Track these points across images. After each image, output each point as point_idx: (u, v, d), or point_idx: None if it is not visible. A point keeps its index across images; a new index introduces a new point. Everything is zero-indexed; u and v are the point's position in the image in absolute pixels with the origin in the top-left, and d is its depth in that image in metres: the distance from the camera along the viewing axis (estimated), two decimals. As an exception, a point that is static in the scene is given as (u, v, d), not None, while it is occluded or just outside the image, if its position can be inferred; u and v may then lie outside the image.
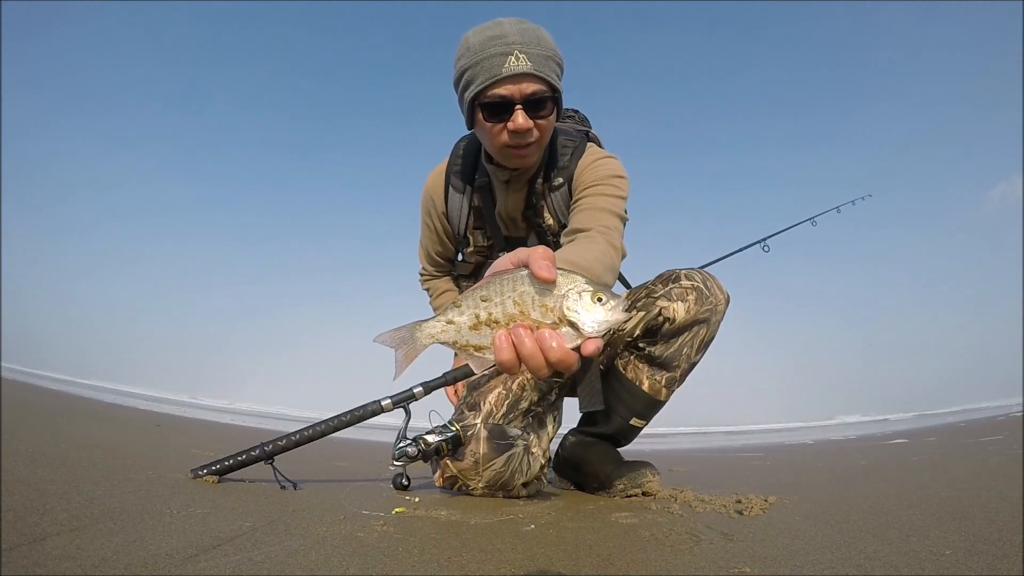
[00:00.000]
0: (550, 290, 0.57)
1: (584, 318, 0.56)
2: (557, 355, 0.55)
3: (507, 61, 1.10)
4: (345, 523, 0.87)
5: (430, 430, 1.25)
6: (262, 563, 0.64)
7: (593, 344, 0.55)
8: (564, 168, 1.35)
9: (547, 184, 1.36)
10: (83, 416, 2.80)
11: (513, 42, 1.11)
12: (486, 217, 1.42)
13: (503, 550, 0.75)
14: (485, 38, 1.13)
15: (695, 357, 1.34)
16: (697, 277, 1.30)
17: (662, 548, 0.78)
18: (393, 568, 0.65)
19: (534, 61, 1.11)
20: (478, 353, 0.60)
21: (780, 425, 8.10)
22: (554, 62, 1.15)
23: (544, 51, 1.13)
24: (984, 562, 0.68)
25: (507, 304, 0.58)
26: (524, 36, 1.12)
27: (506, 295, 0.58)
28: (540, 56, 1.12)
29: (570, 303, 0.56)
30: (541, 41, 1.13)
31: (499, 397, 1.35)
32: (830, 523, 0.93)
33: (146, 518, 0.79)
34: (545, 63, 1.13)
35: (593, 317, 0.56)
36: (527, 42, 1.12)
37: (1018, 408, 6.09)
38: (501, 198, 1.40)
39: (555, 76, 1.16)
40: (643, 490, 1.25)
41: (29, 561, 0.58)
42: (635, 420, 1.38)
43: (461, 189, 1.42)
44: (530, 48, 1.12)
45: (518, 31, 1.12)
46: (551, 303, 0.57)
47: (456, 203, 1.43)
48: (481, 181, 1.39)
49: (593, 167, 1.33)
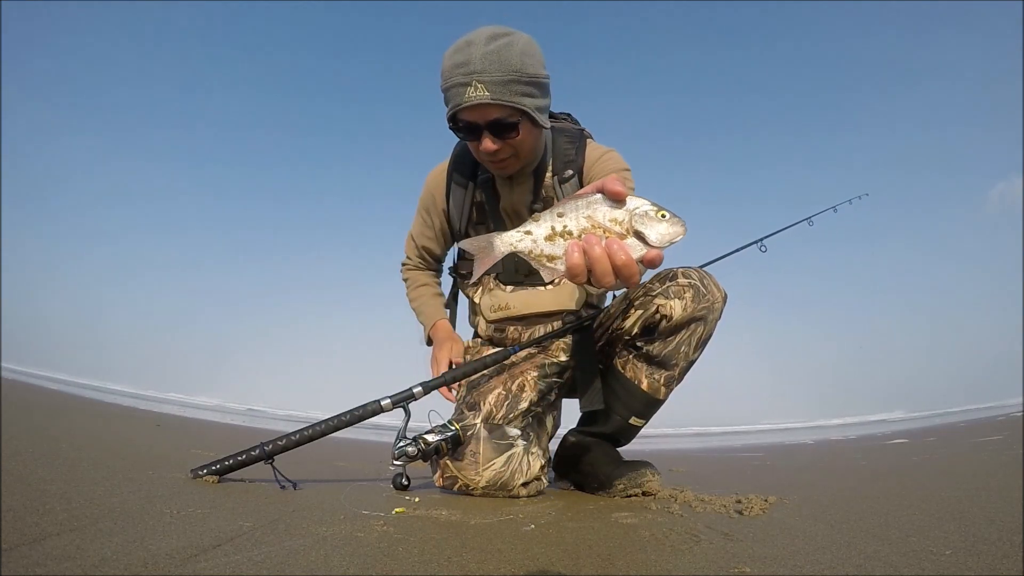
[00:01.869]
0: (620, 206, 0.66)
1: (649, 230, 0.65)
2: (623, 259, 0.63)
3: (466, 92, 1.15)
4: (345, 523, 0.87)
5: (429, 430, 1.25)
6: (262, 563, 0.64)
7: (655, 254, 0.64)
8: (572, 160, 1.40)
9: (557, 176, 1.39)
10: (83, 416, 2.80)
11: (473, 71, 1.14)
12: (489, 212, 1.42)
13: (503, 550, 0.75)
14: (452, 64, 1.16)
15: (693, 355, 1.34)
16: (694, 275, 1.31)
17: (662, 548, 0.78)
18: (393, 568, 0.65)
19: (492, 90, 1.14)
20: (550, 264, 0.68)
21: (780, 425, 8.10)
22: (517, 83, 1.16)
23: (505, 75, 1.15)
24: (984, 562, 0.68)
25: (580, 219, 0.66)
26: (486, 61, 1.14)
27: (580, 211, 0.67)
28: (500, 82, 1.15)
29: (638, 217, 0.66)
30: (504, 63, 1.14)
31: (499, 397, 1.35)
32: (830, 523, 0.93)
33: (146, 518, 0.79)
34: (505, 87, 1.15)
35: (657, 229, 0.65)
36: (487, 69, 1.14)
37: (1018, 408, 6.08)
38: (505, 193, 1.41)
39: (519, 96, 1.17)
40: (643, 490, 1.25)
41: (29, 561, 0.58)
42: (634, 419, 1.38)
43: (464, 185, 1.43)
44: (490, 75, 1.14)
45: (481, 56, 1.14)
46: (620, 216, 0.66)
47: (459, 199, 1.44)
48: (483, 177, 1.41)
49: (603, 160, 1.39)
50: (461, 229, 1.47)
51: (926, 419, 7.22)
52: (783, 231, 1.65)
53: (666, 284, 1.31)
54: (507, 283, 1.45)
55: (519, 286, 1.44)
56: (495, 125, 1.20)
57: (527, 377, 1.39)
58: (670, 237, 0.66)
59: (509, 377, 1.39)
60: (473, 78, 1.14)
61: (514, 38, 1.17)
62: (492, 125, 1.20)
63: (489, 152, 1.23)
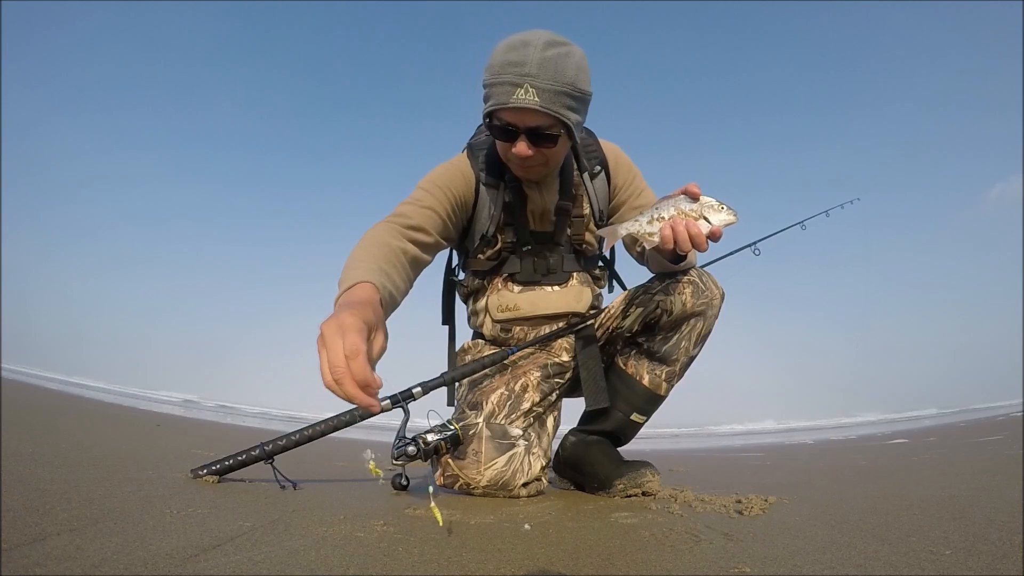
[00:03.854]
0: (695, 201, 1.07)
1: (713, 216, 1.06)
2: (695, 232, 1.05)
3: (516, 92, 1.12)
4: (345, 523, 0.87)
5: (429, 429, 1.25)
6: (262, 563, 0.64)
7: (716, 231, 1.06)
8: (595, 154, 1.41)
9: (587, 173, 1.39)
10: (83, 416, 2.80)
11: (527, 73, 1.11)
12: (516, 214, 1.38)
13: (503, 550, 0.75)
14: (505, 61, 1.13)
15: (693, 351, 1.36)
16: (693, 273, 1.33)
17: (662, 548, 0.78)
18: (393, 568, 0.65)
19: (542, 96, 1.12)
20: (650, 237, 1.11)
21: (780, 425, 8.11)
22: (568, 96, 1.15)
23: (557, 85, 1.13)
24: (984, 562, 0.68)
25: (670, 209, 1.09)
26: (542, 67, 1.11)
27: (670, 205, 1.09)
28: (551, 91, 1.12)
29: (706, 208, 1.07)
30: (558, 73, 1.12)
31: (501, 397, 1.36)
32: (830, 523, 0.93)
33: (146, 518, 0.79)
34: (555, 98, 1.13)
35: (718, 216, 1.06)
36: (541, 75, 1.11)
37: (1018, 408, 6.09)
38: (533, 195, 1.38)
39: (566, 109, 1.16)
40: (643, 490, 1.25)
41: (29, 561, 0.58)
42: (636, 415, 1.38)
43: (496, 186, 1.36)
44: (542, 82, 1.12)
45: (538, 61, 1.11)
46: (696, 207, 1.07)
47: (487, 201, 1.36)
48: (510, 177, 1.35)
49: (623, 162, 1.45)
50: (488, 231, 1.39)
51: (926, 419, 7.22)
52: (777, 235, 1.65)
53: (665, 282, 1.33)
54: (524, 282, 1.42)
55: (536, 285, 1.42)
56: (535, 132, 1.18)
57: (530, 377, 1.39)
58: (727, 221, 1.06)
59: (512, 377, 1.39)
60: (526, 81, 1.11)
61: (571, 50, 1.16)
62: (532, 132, 1.18)
63: (521, 157, 1.21)
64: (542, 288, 1.42)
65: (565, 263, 1.43)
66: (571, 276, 1.44)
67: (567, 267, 1.44)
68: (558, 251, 1.43)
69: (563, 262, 1.43)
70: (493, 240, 1.40)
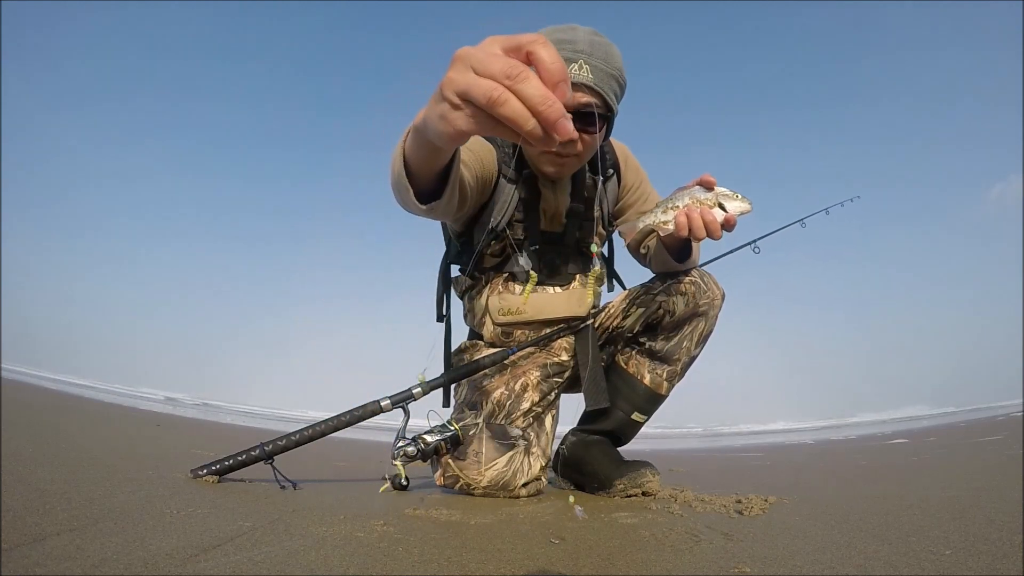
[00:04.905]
0: (711, 190, 1.08)
1: (727, 204, 1.07)
2: (709, 219, 1.05)
3: (570, 68, 1.09)
4: (345, 523, 0.87)
5: (429, 430, 1.25)
6: (262, 563, 0.64)
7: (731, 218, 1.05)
8: (607, 156, 1.41)
9: (601, 176, 1.39)
10: (83, 416, 2.80)
11: (580, 51, 1.11)
12: (529, 210, 1.35)
13: (503, 550, 0.75)
14: (555, 40, 1.12)
15: (695, 351, 1.36)
16: (694, 273, 1.33)
17: (662, 548, 0.78)
18: (393, 568, 0.65)
19: (596, 74, 1.11)
20: (665, 225, 1.11)
21: (780, 425, 8.11)
22: (616, 81, 1.15)
23: (609, 68, 1.13)
24: (984, 562, 0.68)
25: (686, 198, 1.09)
26: (593, 48, 1.12)
27: (685, 195, 1.09)
28: (604, 72, 1.12)
29: (721, 196, 1.07)
30: (609, 57, 1.13)
31: (501, 397, 1.35)
32: (830, 523, 0.93)
33: (146, 518, 0.79)
34: (607, 80, 1.13)
35: (732, 204, 1.07)
36: (595, 54, 1.11)
37: (1018, 408, 6.09)
38: (547, 195, 1.36)
39: (613, 95, 1.15)
40: (643, 490, 1.25)
41: (29, 561, 0.58)
42: (636, 415, 1.38)
43: (515, 179, 1.32)
44: (596, 61, 1.11)
45: (589, 42, 1.12)
46: (711, 196, 1.08)
47: (507, 191, 1.32)
48: (527, 173, 1.32)
49: (632, 164, 1.45)
50: (499, 224, 1.34)
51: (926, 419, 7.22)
52: (776, 232, 1.66)
53: (667, 282, 1.33)
54: (527, 282, 1.38)
55: (539, 286, 1.39)
56: (581, 112, 1.13)
57: (529, 377, 1.39)
58: (742, 209, 1.07)
59: (511, 377, 1.39)
60: (581, 57, 1.10)
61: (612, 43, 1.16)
62: (579, 110, 1.12)
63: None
64: (544, 290, 1.40)
65: (570, 265, 1.43)
66: (574, 278, 1.44)
67: (571, 269, 1.43)
68: (564, 253, 1.42)
69: (568, 264, 1.43)
70: (501, 235, 1.36)
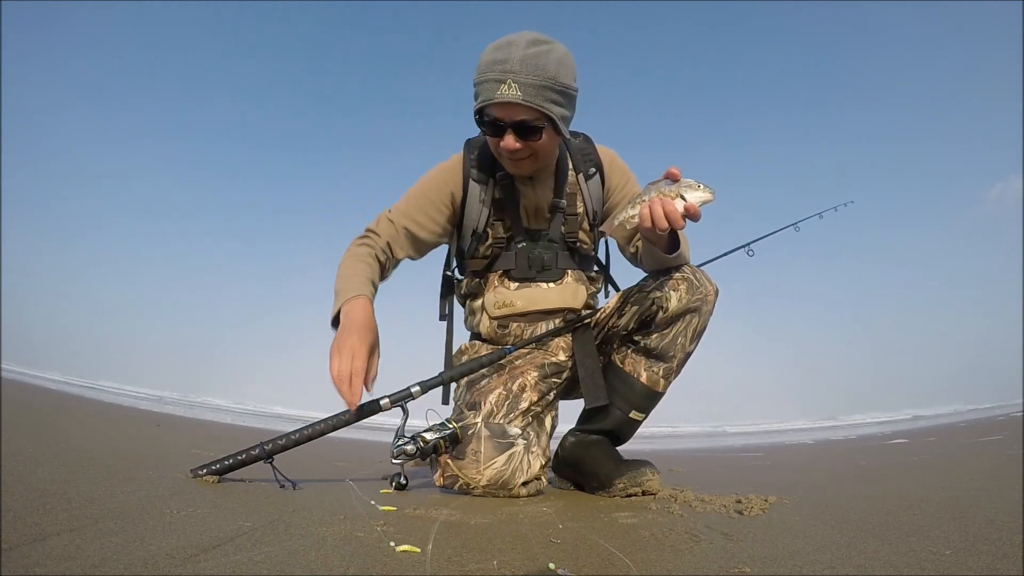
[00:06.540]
0: (674, 183, 1.12)
1: (688, 194, 1.11)
2: (671, 207, 1.11)
3: (499, 88, 1.18)
4: (345, 523, 0.87)
5: (428, 428, 1.25)
6: (262, 563, 0.64)
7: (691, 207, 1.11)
8: (590, 157, 1.47)
9: (582, 174, 1.46)
10: (83, 416, 2.80)
11: (510, 70, 1.18)
12: (508, 209, 1.43)
13: (503, 550, 0.75)
14: (490, 60, 1.20)
15: (689, 347, 1.36)
16: (687, 270, 1.34)
17: (662, 548, 0.78)
18: (393, 568, 0.65)
19: (524, 91, 1.18)
20: (632, 219, 1.17)
21: (780, 425, 8.11)
22: (550, 90, 1.20)
23: (539, 80, 1.18)
24: (984, 562, 0.68)
25: (652, 192, 1.14)
26: (524, 64, 1.18)
27: (653, 189, 1.14)
28: (534, 86, 1.18)
29: (683, 187, 1.12)
30: (539, 69, 1.18)
31: (499, 397, 1.36)
32: (830, 523, 0.93)
33: (146, 518, 0.79)
34: (537, 92, 1.19)
35: (693, 194, 1.11)
36: (523, 71, 1.18)
37: (1018, 408, 6.08)
38: (527, 192, 1.42)
39: (549, 103, 1.21)
40: (643, 489, 1.25)
41: (29, 561, 0.58)
42: (634, 413, 1.38)
43: (484, 181, 1.43)
44: (525, 77, 1.18)
45: (520, 58, 1.18)
46: (674, 188, 1.12)
47: (476, 195, 1.42)
48: (503, 174, 1.41)
49: (618, 166, 1.50)
50: (480, 226, 1.44)
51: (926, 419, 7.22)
52: (770, 236, 1.66)
53: (660, 280, 1.34)
54: (519, 279, 1.45)
55: (531, 282, 1.45)
56: (520, 126, 1.23)
57: (527, 377, 1.40)
58: (702, 199, 1.11)
59: (509, 377, 1.40)
60: (508, 77, 1.18)
61: (553, 47, 1.21)
62: (517, 125, 1.23)
63: (509, 150, 1.26)
64: (538, 285, 1.44)
65: (559, 260, 1.45)
66: (566, 273, 1.46)
67: (561, 264, 1.46)
68: (552, 248, 1.45)
69: (557, 259, 1.45)
70: (484, 235, 1.45)
